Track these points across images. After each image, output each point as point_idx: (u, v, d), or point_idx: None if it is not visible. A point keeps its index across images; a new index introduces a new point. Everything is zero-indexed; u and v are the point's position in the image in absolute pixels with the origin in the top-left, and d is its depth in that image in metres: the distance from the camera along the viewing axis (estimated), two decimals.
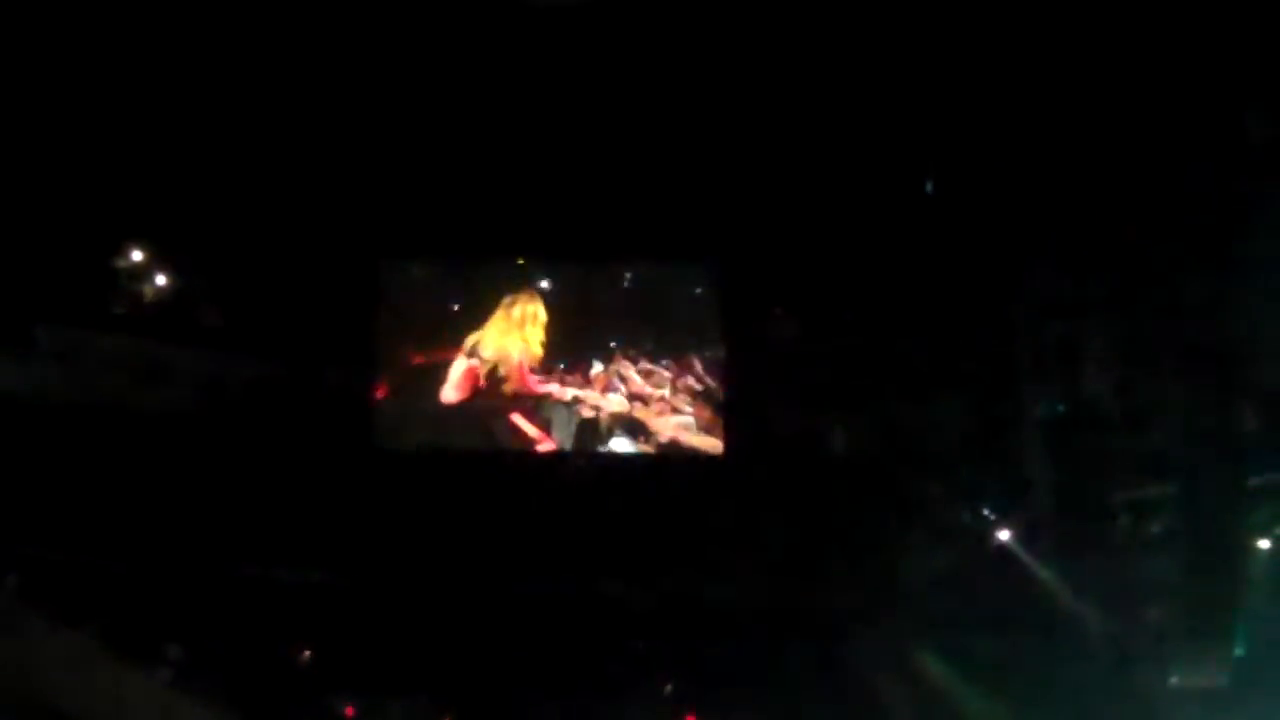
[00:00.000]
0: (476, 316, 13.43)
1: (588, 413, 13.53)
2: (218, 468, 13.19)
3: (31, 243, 12.42)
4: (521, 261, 13.47)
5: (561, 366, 13.51)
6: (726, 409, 13.57)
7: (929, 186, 13.62)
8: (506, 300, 13.46)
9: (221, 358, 13.33)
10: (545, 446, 13.48)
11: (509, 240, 13.19)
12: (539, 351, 13.46)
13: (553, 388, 13.48)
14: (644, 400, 13.59)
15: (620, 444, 13.55)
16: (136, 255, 13.08)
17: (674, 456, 13.59)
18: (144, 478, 13.07)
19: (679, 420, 13.56)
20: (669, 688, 14.65)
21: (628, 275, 13.63)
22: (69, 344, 12.87)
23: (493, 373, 13.38)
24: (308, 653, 14.17)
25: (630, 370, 13.58)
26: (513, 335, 13.39)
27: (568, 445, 13.52)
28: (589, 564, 13.91)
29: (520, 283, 13.43)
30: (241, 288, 13.26)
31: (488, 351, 13.36)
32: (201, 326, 13.35)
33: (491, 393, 13.40)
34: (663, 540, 13.94)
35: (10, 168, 12.22)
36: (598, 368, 13.56)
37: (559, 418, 13.50)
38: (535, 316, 13.39)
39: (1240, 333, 12.42)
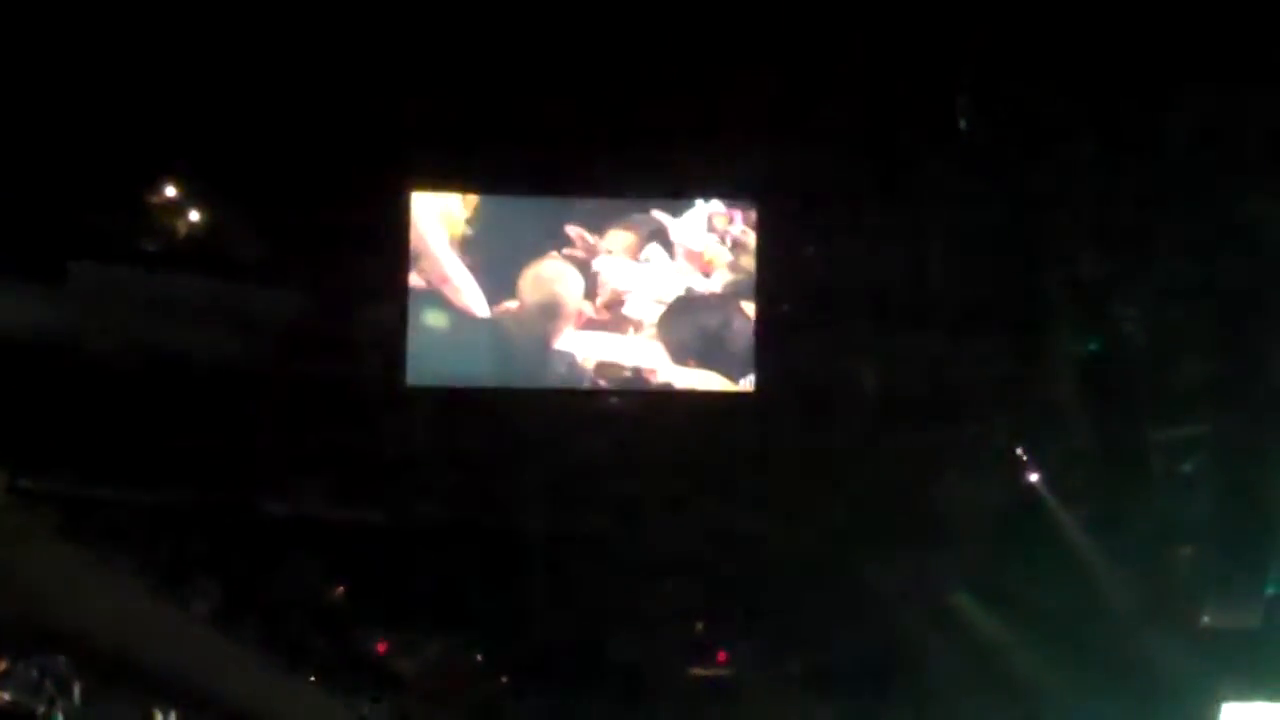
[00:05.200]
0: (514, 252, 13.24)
1: (622, 350, 13.38)
2: (251, 405, 13.10)
3: (61, 178, 12.20)
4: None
5: (597, 308, 13.34)
6: (758, 345, 13.43)
7: (963, 124, 13.46)
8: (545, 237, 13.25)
9: (253, 293, 13.17)
10: (579, 384, 13.35)
11: (545, 175, 12.98)
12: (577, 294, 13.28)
13: (589, 331, 13.33)
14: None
15: (654, 382, 13.42)
16: (170, 190, 12.90)
17: (705, 393, 13.46)
18: (176, 415, 12.99)
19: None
20: (700, 626, 14.74)
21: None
22: (100, 281, 12.69)
23: (526, 311, 13.22)
24: (341, 589, 14.23)
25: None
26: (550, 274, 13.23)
27: (601, 383, 13.39)
28: (620, 502, 13.89)
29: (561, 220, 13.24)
30: (273, 222, 13.05)
31: (525, 290, 13.19)
32: (233, 262, 13.17)
33: (526, 330, 13.26)
34: (693, 479, 13.91)
35: (36, 103, 11.97)
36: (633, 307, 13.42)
37: (594, 357, 13.36)
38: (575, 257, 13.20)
39: (1272, 273, 12.40)
